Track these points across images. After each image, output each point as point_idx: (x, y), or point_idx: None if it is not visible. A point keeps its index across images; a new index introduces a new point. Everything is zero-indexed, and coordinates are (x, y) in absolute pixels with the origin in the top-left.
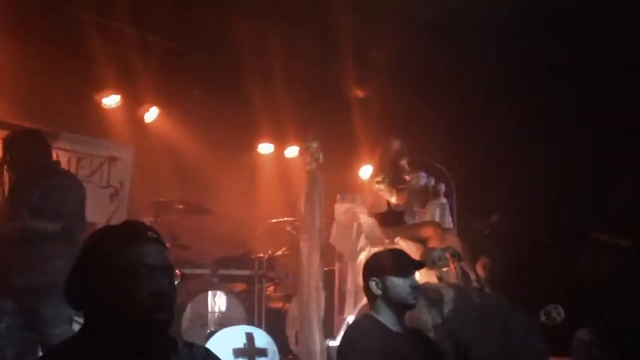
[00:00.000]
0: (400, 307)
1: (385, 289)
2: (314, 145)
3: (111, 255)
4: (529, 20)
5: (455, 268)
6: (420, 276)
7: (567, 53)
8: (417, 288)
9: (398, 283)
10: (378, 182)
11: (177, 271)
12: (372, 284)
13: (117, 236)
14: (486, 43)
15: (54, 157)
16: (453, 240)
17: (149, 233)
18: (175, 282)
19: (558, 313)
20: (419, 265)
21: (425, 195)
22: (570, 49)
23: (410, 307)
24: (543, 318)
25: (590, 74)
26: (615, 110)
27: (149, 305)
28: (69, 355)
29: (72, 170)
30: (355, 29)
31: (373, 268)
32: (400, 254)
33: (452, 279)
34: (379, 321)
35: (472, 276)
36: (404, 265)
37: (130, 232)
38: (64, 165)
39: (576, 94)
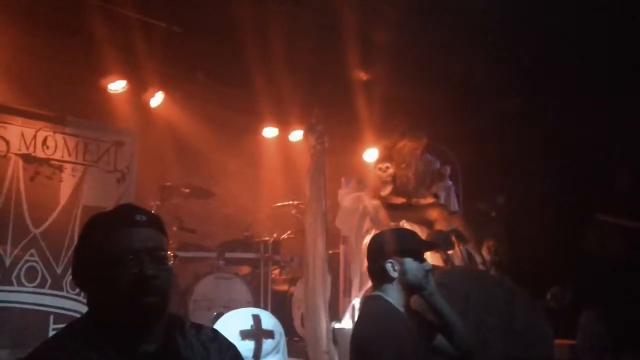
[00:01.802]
0: (412, 290)
1: (403, 271)
2: (318, 128)
3: (100, 241)
4: (531, 1)
5: (460, 250)
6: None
7: (570, 33)
8: (430, 271)
9: (415, 266)
10: (381, 170)
11: (169, 253)
12: (389, 266)
13: (106, 222)
14: (489, 24)
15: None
16: (458, 223)
17: (137, 217)
18: (169, 264)
19: (563, 295)
20: (432, 246)
21: (431, 178)
22: (572, 29)
23: (423, 290)
24: (549, 300)
25: (596, 53)
26: (620, 90)
27: (136, 290)
28: (76, 336)
29: (80, 155)
30: (358, 11)
31: (389, 249)
32: (413, 234)
33: (458, 261)
34: (391, 303)
35: (478, 258)
36: (421, 247)
37: (118, 217)
38: (71, 150)
39: (580, 73)
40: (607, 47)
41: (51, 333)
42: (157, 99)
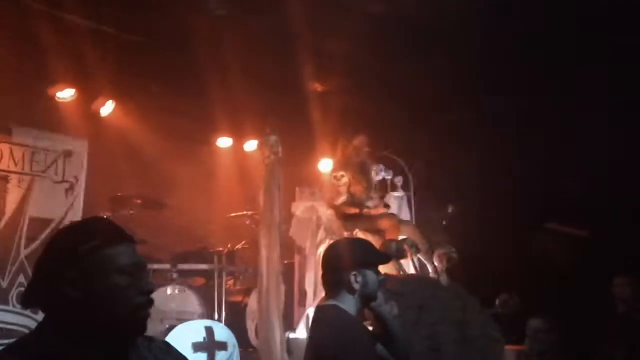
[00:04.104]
0: (369, 301)
1: (364, 283)
2: (273, 138)
3: (96, 253)
4: (481, 13)
5: (412, 259)
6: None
7: (522, 44)
8: (382, 282)
9: (374, 278)
10: (336, 179)
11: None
12: (352, 278)
13: (92, 235)
14: (442, 36)
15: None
16: (410, 232)
17: (127, 232)
18: None
19: (513, 302)
20: (389, 259)
21: (383, 188)
22: (524, 40)
23: (374, 300)
24: (498, 307)
25: (544, 64)
26: (570, 100)
27: (137, 303)
28: (30, 353)
29: (27, 165)
30: (314, 23)
31: (352, 260)
32: (372, 246)
33: (410, 270)
34: (348, 313)
35: (430, 267)
36: (378, 259)
37: (109, 231)
38: (18, 160)
39: (530, 84)
40: (556, 55)
41: None
42: (107, 108)
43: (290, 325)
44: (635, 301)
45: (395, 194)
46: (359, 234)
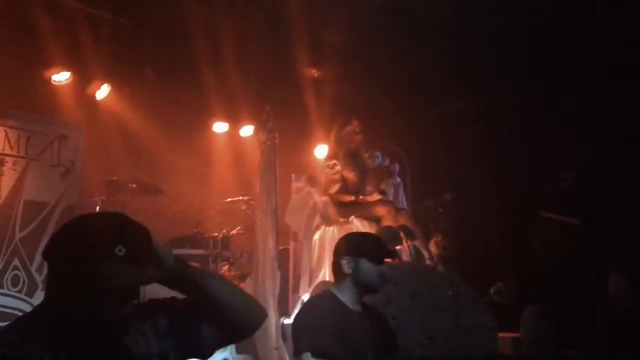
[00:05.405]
0: (365, 289)
1: (356, 269)
2: (269, 124)
3: (84, 262)
4: (479, 5)
5: (408, 246)
6: None
7: (517, 36)
8: (384, 275)
9: (369, 267)
10: (329, 167)
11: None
12: (343, 262)
13: (84, 244)
14: (438, 27)
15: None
16: (406, 219)
17: (117, 250)
18: (133, 303)
19: (508, 290)
20: (392, 255)
21: (380, 175)
22: (520, 32)
23: (375, 291)
24: (493, 295)
25: (540, 57)
26: (566, 92)
27: (107, 323)
28: (26, 333)
29: (22, 148)
30: (310, 11)
31: (347, 247)
32: (379, 240)
33: (406, 257)
34: (338, 299)
35: (425, 254)
36: (379, 252)
37: (99, 244)
38: (13, 143)
39: (527, 76)
40: (551, 46)
41: None
42: (103, 92)
43: (285, 311)
44: (634, 300)
45: (391, 180)
46: (355, 220)
